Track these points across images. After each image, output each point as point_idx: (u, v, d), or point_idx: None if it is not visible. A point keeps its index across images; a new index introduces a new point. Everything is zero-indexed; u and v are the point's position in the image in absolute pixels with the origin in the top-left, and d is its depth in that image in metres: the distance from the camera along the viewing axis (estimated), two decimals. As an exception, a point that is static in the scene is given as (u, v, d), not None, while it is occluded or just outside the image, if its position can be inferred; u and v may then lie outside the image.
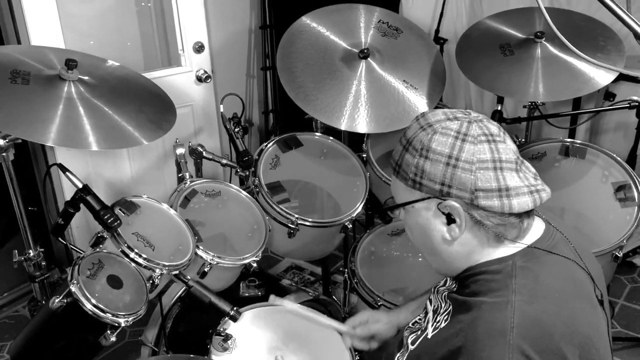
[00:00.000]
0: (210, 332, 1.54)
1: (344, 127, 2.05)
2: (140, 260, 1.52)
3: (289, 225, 1.97)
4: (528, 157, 2.17)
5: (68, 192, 2.61)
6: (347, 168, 2.23)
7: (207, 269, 1.72)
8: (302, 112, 2.11)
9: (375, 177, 2.18)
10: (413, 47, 2.29)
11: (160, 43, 3.07)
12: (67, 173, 1.54)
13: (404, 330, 1.32)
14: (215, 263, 1.72)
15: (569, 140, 2.19)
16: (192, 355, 1.54)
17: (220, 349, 1.51)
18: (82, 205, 1.55)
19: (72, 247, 1.70)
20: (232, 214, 1.96)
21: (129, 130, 1.69)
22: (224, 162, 2.09)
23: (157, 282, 1.56)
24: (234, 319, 1.57)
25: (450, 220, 1.07)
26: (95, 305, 1.39)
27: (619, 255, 1.91)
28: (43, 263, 1.99)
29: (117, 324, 1.44)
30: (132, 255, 1.52)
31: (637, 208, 1.97)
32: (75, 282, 1.40)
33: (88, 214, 1.52)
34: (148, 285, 1.54)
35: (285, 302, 1.62)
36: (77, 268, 1.43)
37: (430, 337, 1.13)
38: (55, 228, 1.61)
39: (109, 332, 1.46)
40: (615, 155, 2.08)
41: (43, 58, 1.77)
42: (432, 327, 1.14)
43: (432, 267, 1.20)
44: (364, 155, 2.23)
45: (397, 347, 1.30)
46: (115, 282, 1.48)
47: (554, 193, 1.10)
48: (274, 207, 1.97)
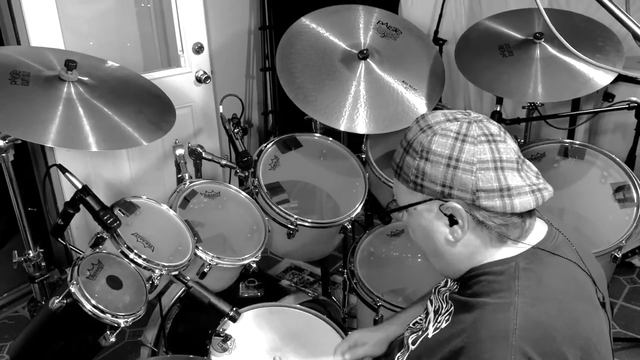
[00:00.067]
0: (210, 332, 1.54)
1: (343, 127, 2.05)
2: (140, 261, 1.53)
3: (288, 226, 1.97)
4: (527, 157, 2.13)
5: (68, 192, 2.62)
6: (346, 169, 2.22)
7: (206, 270, 1.72)
8: (301, 112, 2.11)
9: (375, 177, 2.18)
10: (412, 48, 2.29)
11: (160, 44, 3.07)
12: (66, 174, 1.54)
13: (405, 331, 1.32)
14: (215, 264, 1.72)
15: (568, 141, 2.20)
16: (191, 356, 1.55)
17: (220, 350, 1.51)
18: (81, 206, 1.55)
19: (71, 247, 1.70)
20: (231, 215, 1.96)
21: (129, 131, 1.69)
22: (224, 162, 2.10)
23: (156, 282, 1.57)
24: (234, 320, 1.57)
25: (453, 222, 1.07)
26: (95, 306, 1.40)
27: (618, 256, 1.91)
28: (43, 264, 1.99)
29: (116, 325, 1.44)
30: (131, 256, 1.52)
31: (636, 209, 1.97)
32: (75, 282, 1.40)
33: (88, 215, 1.52)
34: (147, 286, 1.55)
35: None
36: (76, 269, 1.43)
37: (431, 337, 1.13)
38: (55, 229, 1.61)
39: (109, 332, 1.46)
40: (614, 156, 2.08)
41: (43, 59, 1.77)
42: (433, 327, 1.15)
43: (435, 268, 1.20)
44: (363, 156, 2.22)
45: (397, 347, 1.30)
46: (115, 282, 1.48)
47: (553, 194, 1.10)
48: (274, 207, 1.97)
